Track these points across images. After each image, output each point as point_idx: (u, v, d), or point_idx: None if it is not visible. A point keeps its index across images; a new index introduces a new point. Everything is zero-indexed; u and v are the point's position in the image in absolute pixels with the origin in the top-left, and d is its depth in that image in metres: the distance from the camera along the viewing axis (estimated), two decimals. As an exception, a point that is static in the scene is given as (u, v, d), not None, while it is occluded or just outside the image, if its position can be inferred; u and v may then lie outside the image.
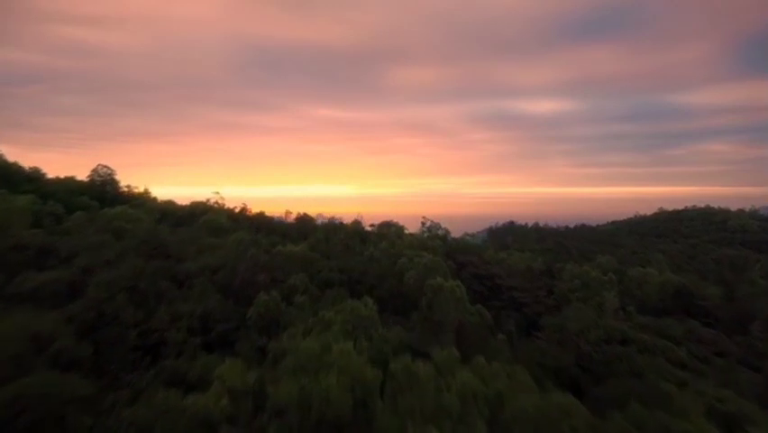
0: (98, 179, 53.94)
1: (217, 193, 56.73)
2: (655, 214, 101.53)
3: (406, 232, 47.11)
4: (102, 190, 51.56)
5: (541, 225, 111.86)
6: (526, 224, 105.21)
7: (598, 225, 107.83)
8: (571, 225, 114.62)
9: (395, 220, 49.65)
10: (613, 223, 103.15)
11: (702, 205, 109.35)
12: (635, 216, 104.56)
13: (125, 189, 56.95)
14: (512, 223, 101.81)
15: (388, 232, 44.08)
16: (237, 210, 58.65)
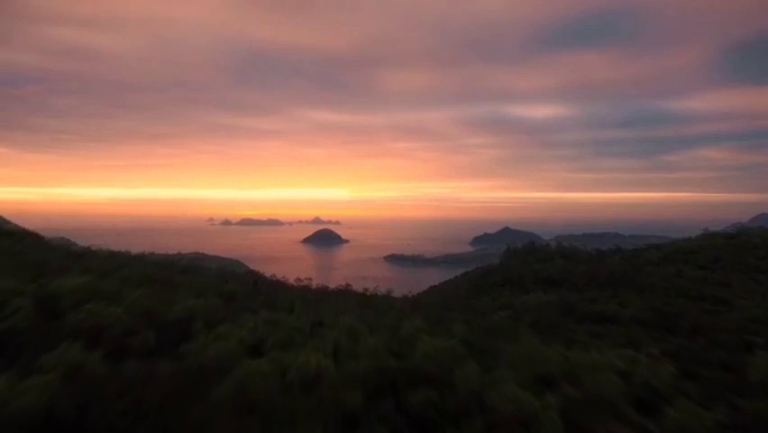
0: None
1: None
2: (703, 238, 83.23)
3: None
4: None
5: (562, 240, 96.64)
6: (548, 244, 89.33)
7: (634, 248, 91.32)
8: (601, 245, 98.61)
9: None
10: (657, 248, 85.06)
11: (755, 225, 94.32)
12: (682, 238, 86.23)
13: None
14: (532, 243, 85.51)
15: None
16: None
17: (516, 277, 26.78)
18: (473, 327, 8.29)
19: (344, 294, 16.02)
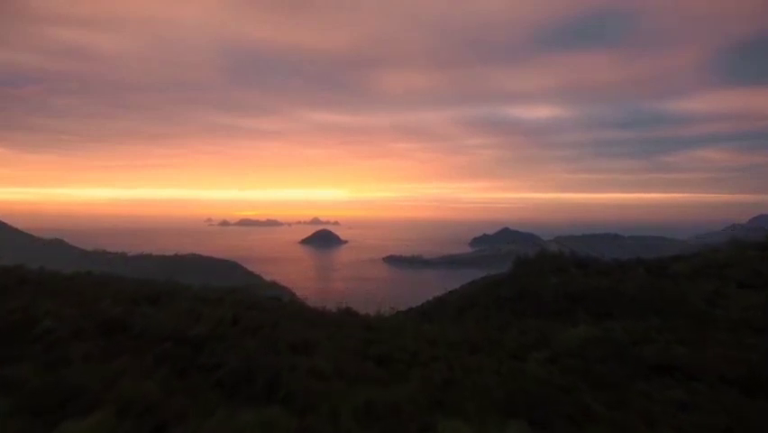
0: None
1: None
2: (734, 248, 76.59)
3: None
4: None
5: (562, 240, 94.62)
6: (561, 251, 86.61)
7: (659, 261, 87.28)
8: (601, 245, 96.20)
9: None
10: (684, 260, 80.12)
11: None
12: (708, 249, 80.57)
13: None
14: (542, 251, 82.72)
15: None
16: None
17: (531, 291, 24.23)
18: (521, 397, 5.78)
19: (345, 325, 13.31)
